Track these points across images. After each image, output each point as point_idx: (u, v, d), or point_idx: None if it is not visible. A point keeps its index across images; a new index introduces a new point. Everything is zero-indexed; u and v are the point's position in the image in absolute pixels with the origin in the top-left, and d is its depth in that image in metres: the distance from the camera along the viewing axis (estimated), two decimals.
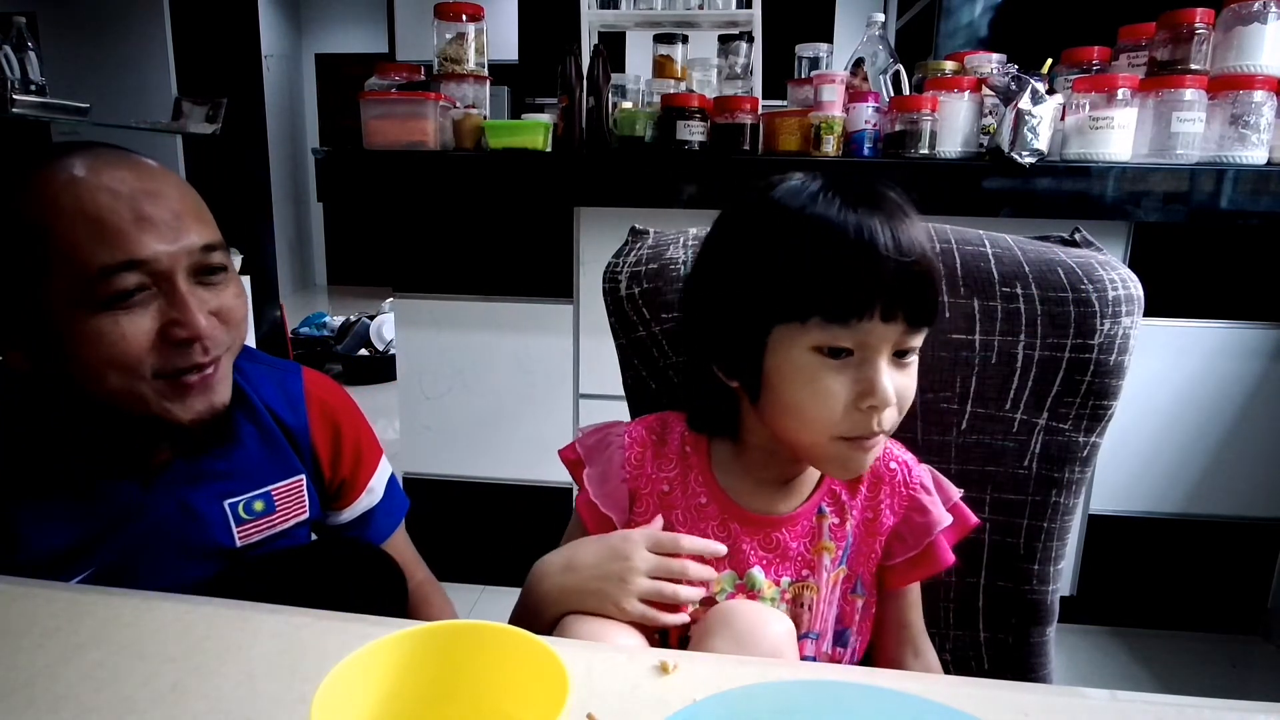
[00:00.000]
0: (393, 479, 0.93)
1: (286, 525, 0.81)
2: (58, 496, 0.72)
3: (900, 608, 0.71)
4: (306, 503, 0.83)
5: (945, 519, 0.67)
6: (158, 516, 0.74)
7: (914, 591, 0.72)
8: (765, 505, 0.66)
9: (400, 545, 0.94)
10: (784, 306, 0.58)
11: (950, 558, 0.68)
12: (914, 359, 0.60)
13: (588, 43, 2.16)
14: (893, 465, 0.68)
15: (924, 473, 0.69)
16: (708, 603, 0.63)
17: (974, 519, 0.69)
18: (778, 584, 0.65)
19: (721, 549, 0.64)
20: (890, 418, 0.59)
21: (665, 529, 0.66)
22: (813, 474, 0.68)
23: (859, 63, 1.80)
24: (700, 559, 0.63)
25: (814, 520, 0.66)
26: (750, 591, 0.64)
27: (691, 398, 0.70)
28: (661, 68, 2.03)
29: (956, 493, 0.69)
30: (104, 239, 0.64)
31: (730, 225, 0.65)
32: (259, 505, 0.79)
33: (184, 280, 0.68)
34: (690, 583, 0.62)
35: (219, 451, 0.77)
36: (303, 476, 0.82)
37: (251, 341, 0.86)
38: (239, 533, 0.78)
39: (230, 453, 0.78)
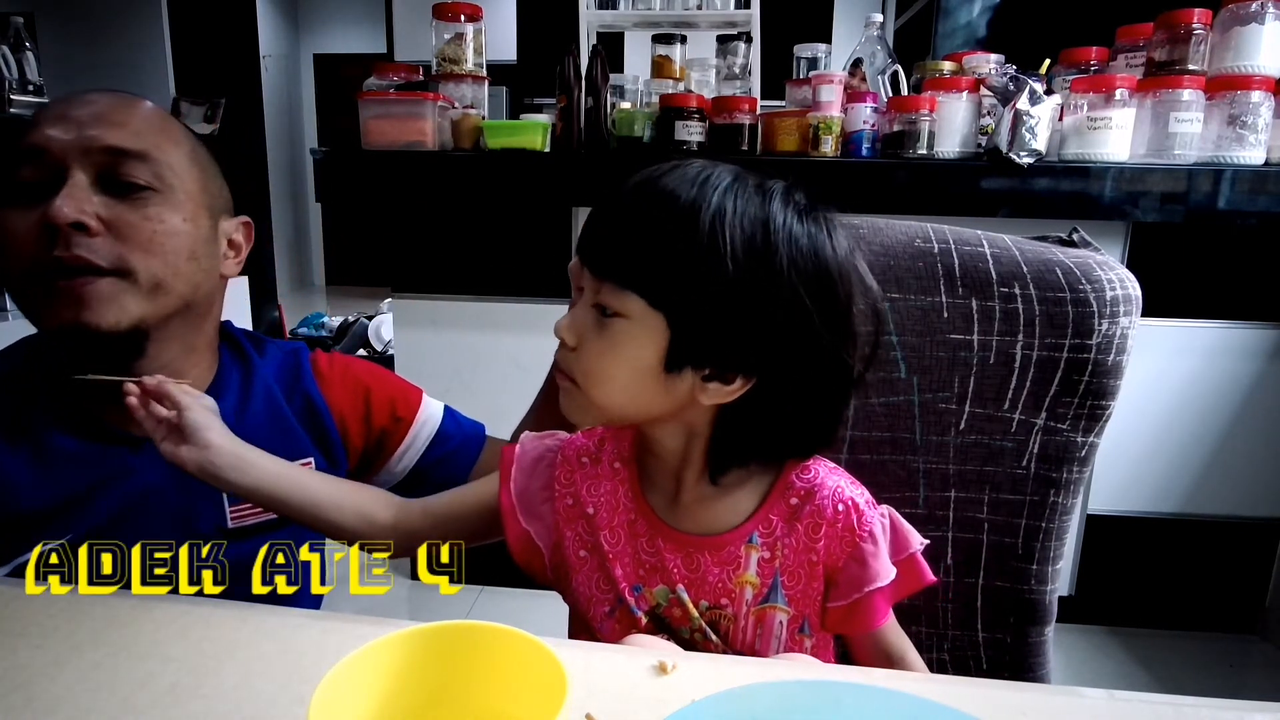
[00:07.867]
0: (451, 410, 0.91)
1: None
2: (42, 455, 0.70)
3: (875, 640, 0.64)
4: None
5: (884, 576, 0.60)
6: (146, 483, 0.73)
7: (887, 621, 0.64)
8: (693, 524, 0.63)
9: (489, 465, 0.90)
10: None
11: (882, 619, 0.62)
12: (616, 323, 0.56)
13: (586, 43, 2.15)
14: (840, 506, 0.61)
15: (877, 519, 0.61)
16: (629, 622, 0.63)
17: (929, 577, 0.62)
18: (697, 606, 0.62)
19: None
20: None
21: (595, 548, 0.64)
22: (748, 496, 0.63)
23: (857, 63, 1.80)
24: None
25: (742, 549, 0.62)
26: (683, 608, 0.62)
27: None
28: (660, 68, 2.03)
29: (918, 544, 0.62)
30: (23, 132, 0.66)
31: None
32: None
33: (81, 177, 0.64)
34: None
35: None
36: (311, 461, 0.80)
37: None
38: (232, 512, 0.76)
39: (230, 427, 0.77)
